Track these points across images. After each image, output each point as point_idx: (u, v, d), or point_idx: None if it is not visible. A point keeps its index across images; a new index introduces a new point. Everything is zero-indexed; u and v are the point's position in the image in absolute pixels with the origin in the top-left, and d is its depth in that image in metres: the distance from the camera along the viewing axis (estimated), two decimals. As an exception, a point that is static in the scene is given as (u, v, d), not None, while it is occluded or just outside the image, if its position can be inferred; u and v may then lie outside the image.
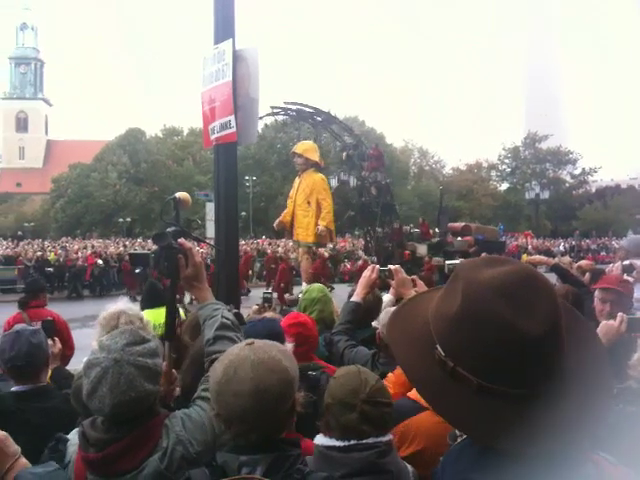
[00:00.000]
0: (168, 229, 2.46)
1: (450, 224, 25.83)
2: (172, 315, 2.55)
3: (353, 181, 20.77)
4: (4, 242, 42.55)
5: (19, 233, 58.98)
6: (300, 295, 9.40)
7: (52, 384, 3.42)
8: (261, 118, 16.07)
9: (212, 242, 6.23)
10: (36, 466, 1.81)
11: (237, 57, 5.29)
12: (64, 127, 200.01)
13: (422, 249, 21.79)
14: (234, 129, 5.24)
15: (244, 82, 5.35)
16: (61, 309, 7.08)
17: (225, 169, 5.53)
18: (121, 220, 59.15)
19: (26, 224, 64.77)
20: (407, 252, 21.09)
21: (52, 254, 28.22)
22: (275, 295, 9.28)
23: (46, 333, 3.88)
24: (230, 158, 5.57)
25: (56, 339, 3.87)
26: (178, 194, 3.27)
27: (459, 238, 23.03)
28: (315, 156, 9.32)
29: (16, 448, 2.03)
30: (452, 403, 1.24)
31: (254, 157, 60.05)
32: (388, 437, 2.18)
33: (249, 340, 1.80)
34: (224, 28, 5.42)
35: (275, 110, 17.58)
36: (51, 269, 25.16)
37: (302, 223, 9.35)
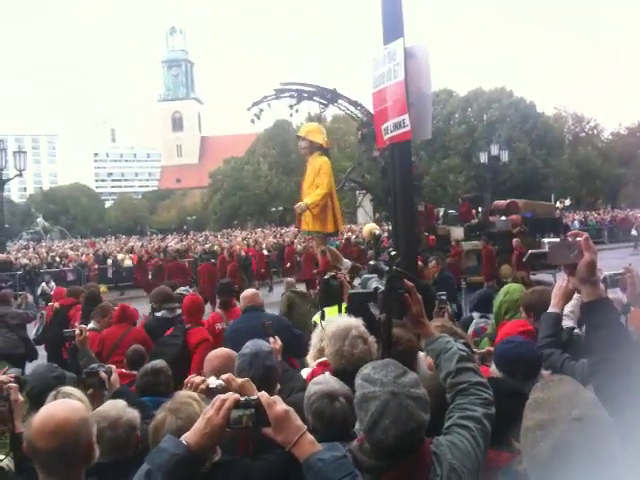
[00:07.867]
0: (384, 267, 2.54)
1: (495, 202, 23.22)
2: (389, 342, 2.70)
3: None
4: (172, 236, 45.90)
5: (184, 227, 63.41)
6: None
7: None
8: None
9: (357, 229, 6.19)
10: (323, 450, 1.82)
11: (407, 54, 5.30)
12: (216, 123, 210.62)
13: (458, 232, 19.83)
14: (408, 127, 5.27)
15: (416, 79, 5.36)
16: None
17: (400, 167, 5.58)
18: (274, 209, 61.44)
19: (188, 218, 69.34)
20: (431, 237, 18.99)
21: (217, 246, 29.79)
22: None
23: (266, 333, 4.29)
24: (405, 156, 5.62)
25: (276, 337, 4.22)
26: (375, 230, 3.31)
27: (503, 217, 20.88)
28: (319, 138, 8.32)
29: (302, 423, 1.95)
30: None
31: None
32: None
33: (576, 413, 1.56)
34: (393, 28, 5.44)
35: (279, 92, 15.57)
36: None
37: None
